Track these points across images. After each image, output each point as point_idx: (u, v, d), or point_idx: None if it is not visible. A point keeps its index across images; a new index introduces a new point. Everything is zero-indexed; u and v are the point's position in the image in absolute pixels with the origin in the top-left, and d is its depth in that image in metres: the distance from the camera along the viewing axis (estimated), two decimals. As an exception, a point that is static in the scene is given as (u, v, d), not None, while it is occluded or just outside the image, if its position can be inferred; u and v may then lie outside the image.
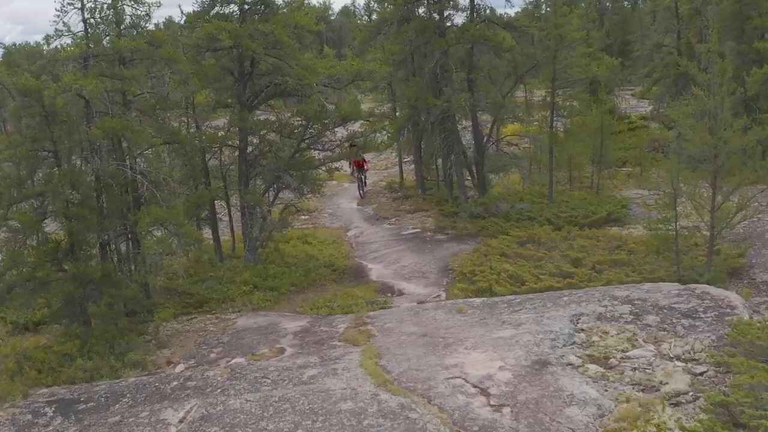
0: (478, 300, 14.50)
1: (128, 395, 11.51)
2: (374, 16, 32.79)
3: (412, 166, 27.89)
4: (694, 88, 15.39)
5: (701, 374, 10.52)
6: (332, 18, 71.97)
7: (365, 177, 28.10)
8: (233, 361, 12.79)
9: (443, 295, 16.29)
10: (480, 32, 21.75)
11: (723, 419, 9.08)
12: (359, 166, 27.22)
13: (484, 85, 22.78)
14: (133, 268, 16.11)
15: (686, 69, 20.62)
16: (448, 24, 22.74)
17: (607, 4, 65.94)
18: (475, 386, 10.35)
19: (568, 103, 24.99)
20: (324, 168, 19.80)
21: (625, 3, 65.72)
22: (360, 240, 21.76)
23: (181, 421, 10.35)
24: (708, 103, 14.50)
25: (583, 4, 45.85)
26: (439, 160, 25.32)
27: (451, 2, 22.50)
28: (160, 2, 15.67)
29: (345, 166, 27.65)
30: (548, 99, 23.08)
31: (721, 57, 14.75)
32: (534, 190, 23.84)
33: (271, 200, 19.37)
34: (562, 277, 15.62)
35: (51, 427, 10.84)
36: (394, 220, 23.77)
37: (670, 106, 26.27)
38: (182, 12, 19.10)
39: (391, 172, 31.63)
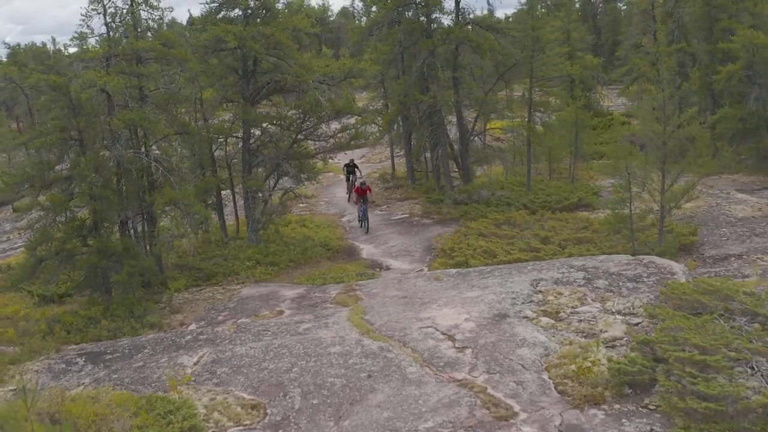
0: (453, 270, 16.38)
1: (149, 347, 13.40)
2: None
3: (404, 159, 29.77)
4: (645, 83, 17.29)
5: (636, 324, 12.38)
6: (331, 19, 73.57)
7: (366, 208, 22.37)
8: (239, 320, 14.70)
9: (426, 269, 18.17)
10: (464, 34, 23.59)
11: (646, 355, 10.95)
12: (362, 194, 22.28)
13: (468, 83, 24.65)
14: (148, 247, 17.98)
15: (639, 67, 22.47)
16: (435, 26, 24.57)
17: (600, 4, 67.81)
18: (443, 333, 12.23)
19: (548, 99, 26.85)
20: (319, 157, 21.66)
21: (619, 4, 67.58)
22: (353, 225, 23.64)
23: (195, 364, 12.23)
24: (658, 97, 16.41)
25: (577, 5, 47.49)
26: (428, 153, 27.19)
27: (438, 6, 24.34)
28: (172, 7, 17.63)
29: (342, 160, 29.33)
30: (526, 95, 24.94)
31: (669, 56, 16.60)
32: (514, 180, 25.71)
33: (272, 186, 21.26)
34: (530, 252, 17.53)
35: (83, 372, 12.68)
36: (385, 207, 25.64)
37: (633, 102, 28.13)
38: (190, 15, 21.01)
39: (384, 165, 33.51)
